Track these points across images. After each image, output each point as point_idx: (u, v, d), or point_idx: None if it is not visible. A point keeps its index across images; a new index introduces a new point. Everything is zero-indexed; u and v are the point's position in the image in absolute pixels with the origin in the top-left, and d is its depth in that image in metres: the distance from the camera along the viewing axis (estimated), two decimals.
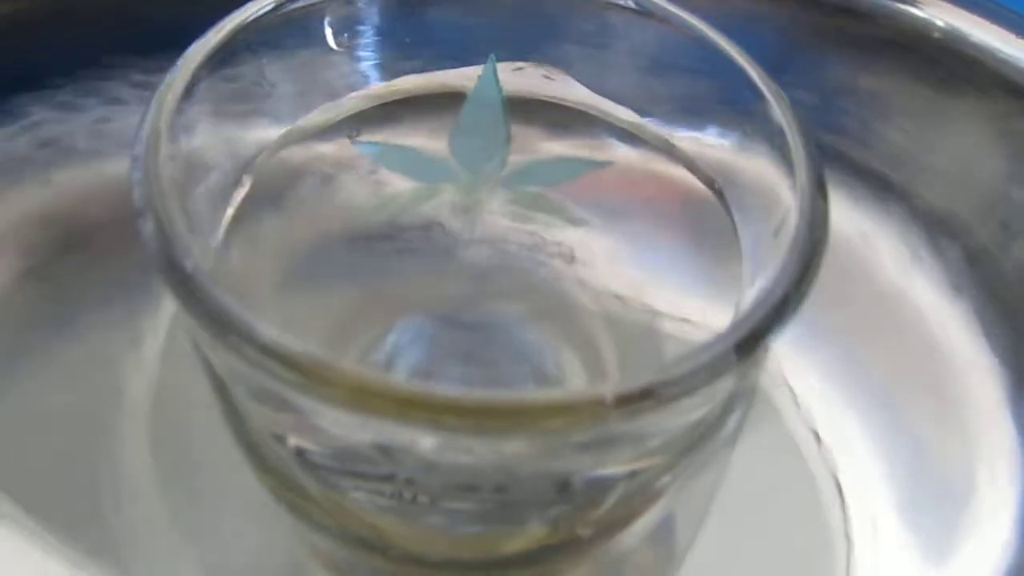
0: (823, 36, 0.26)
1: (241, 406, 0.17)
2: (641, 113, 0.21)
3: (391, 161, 0.21)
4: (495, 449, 0.15)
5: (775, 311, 0.15)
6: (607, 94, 0.21)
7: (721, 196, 0.19)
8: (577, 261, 0.21)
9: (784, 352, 0.22)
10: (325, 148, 0.21)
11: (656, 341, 0.20)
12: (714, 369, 0.14)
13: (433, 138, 0.21)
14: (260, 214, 0.19)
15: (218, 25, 0.18)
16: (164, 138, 0.17)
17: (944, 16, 0.25)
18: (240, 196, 0.19)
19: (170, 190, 0.16)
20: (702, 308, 0.19)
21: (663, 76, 0.20)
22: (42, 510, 0.19)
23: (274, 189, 0.20)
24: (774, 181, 0.18)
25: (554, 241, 0.21)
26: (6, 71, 0.24)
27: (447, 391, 0.14)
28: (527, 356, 0.20)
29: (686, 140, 0.20)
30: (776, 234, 0.17)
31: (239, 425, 0.19)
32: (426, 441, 0.15)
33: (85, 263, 0.22)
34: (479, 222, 0.21)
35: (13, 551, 0.19)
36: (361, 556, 0.19)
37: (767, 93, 0.18)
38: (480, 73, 0.21)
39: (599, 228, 0.21)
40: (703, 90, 0.20)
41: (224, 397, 0.18)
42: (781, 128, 0.18)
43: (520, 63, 0.21)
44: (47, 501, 0.19)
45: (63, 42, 0.24)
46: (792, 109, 0.18)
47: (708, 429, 0.18)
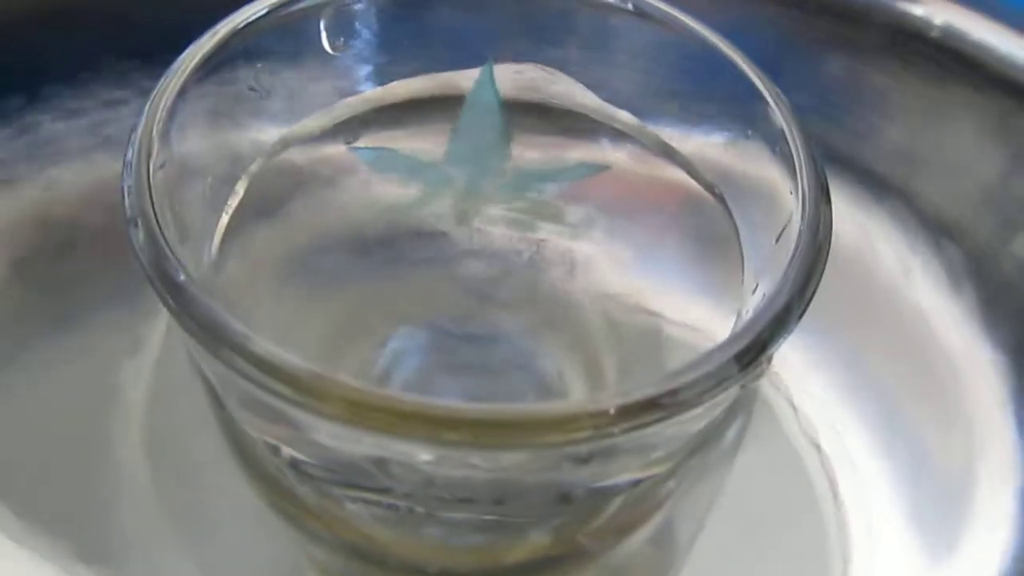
0: (821, 35, 0.26)
1: (235, 415, 0.17)
2: (640, 116, 0.20)
3: (388, 166, 0.21)
4: (494, 463, 0.15)
5: (777, 321, 0.15)
6: (606, 97, 0.20)
7: (722, 201, 0.19)
8: (577, 268, 0.21)
9: (782, 351, 0.22)
10: (321, 153, 0.20)
11: (657, 348, 0.20)
12: (716, 380, 0.14)
13: (430, 143, 0.21)
14: (255, 220, 0.19)
15: (212, 30, 0.18)
16: (156, 144, 0.16)
17: (943, 14, 0.25)
18: (235, 202, 0.19)
19: (161, 198, 0.16)
20: (704, 314, 0.19)
21: (662, 79, 0.20)
22: (38, 514, 0.19)
23: (269, 195, 0.20)
24: (776, 186, 0.18)
25: (553, 248, 0.21)
26: (4, 74, 0.23)
27: (444, 405, 0.13)
28: (527, 365, 0.20)
29: (686, 144, 0.20)
30: (778, 240, 0.17)
31: (234, 434, 0.19)
32: (424, 455, 0.14)
33: (83, 266, 0.22)
34: (477, 229, 0.21)
35: (8, 555, 0.19)
36: (358, 566, 0.19)
37: (768, 97, 0.18)
38: (477, 76, 0.20)
39: (598, 234, 0.21)
40: (703, 94, 0.19)
41: (218, 406, 0.18)
42: (782, 132, 0.17)
43: (518, 66, 0.21)
44: (43, 505, 0.19)
45: (61, 45, 0.24)
46: (794, 113, 0.18)
47: (710, 437, 0.18)
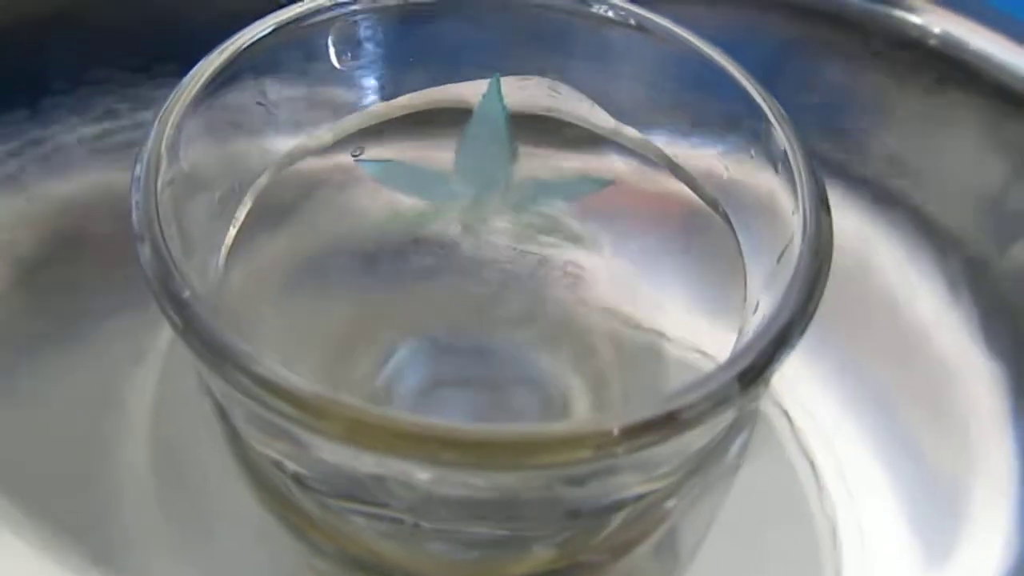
0: (819, 44, 0.26)
1: (239, 429, 0.17)
2: (644, 131, 0.20)
3: (394, 179, 0.21)
4: (494, 482, 0.15)
5: (778, 342, 0.15)
6: (611, 112, 0.21)
7: (725, 218, 0.19)
8: (580, 282, 0.21)
9: None
10: (328, 167, 0.20)
11: (660, 363, 0.20)
12: (719, 400, 0.14)
13: (437, 156, 0.21)
14: (262, 233, 0.19)
15: (220, 47, 0.18)
16: (164, 160, 0.17)
17: (940, 23, 0.25)
18: (242, 215, 0.19)
19: (168, 215, 0.16)
20: (705, 329, 0.19)
21: (665, 95, 0.20)
22: (41, 523, 0.19)
23: (277, 208, 0.20)
24: (778, 203, 0.18)
25: (558, 262, 0.21)
26: (8, 84, 0.24)
27: (446, 425, 0.13)
28: (530, 379, 0.20)
29: (690, 160, 0.20)
30: (780, 260, 0.17)
31: (238, 447, 0.19)
32: (425, 474, 0.14)
33: (87, 276, 0.22)
34: (483, 242, 0.21)
35: (11, 565, 0.19)
36: None
37: (770, 114, 0.18)
38: (484, 90, 0.20)
39: (603, 248, 0.21)
40: (706, 110, 0.19)
41: (223, 419, 0.18)
42: (785, 152, 0.17)
43: (524, 80, 0.21)
44: (47, 515, 0.19)
45: (64, 54, 0.24)
46: (796, 131, 0.18)
47: (713, 453, 0.18)
